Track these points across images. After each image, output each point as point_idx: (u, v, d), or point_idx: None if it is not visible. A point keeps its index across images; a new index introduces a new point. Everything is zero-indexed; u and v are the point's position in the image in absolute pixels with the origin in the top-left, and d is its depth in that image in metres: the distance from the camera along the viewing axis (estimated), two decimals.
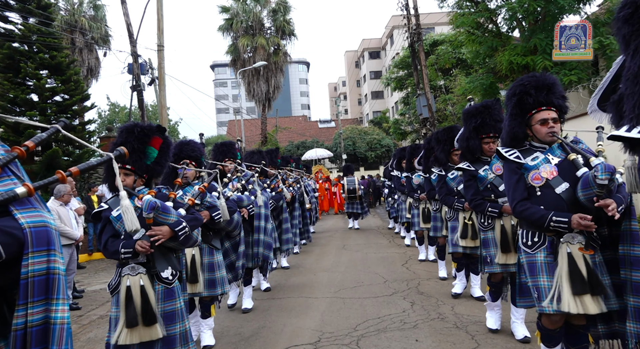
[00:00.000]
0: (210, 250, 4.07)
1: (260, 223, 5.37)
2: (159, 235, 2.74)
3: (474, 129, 4.05)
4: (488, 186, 4.00)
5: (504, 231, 3.86)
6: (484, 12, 13.04)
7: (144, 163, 2.91)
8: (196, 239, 2.99)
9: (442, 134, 5.32)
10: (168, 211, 2.80)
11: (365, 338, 4.20)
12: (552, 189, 2.73)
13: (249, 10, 26.53)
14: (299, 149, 31.70)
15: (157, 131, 2.96)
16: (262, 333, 4.54)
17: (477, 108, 4.10)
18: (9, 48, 13.26)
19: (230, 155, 5.27)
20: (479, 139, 4.06)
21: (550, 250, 2.73)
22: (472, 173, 4.07)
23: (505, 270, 3.88)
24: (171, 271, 2.86)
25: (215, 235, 4.14)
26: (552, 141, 2.83)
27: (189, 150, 4.14)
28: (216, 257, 4.08)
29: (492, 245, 3.98)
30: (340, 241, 11.07)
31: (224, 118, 58.13)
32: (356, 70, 55.72)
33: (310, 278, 7.04)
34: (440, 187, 5.29)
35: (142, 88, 15.00)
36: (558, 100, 2.86)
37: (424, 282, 6.26)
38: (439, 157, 5.38)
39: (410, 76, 22.95)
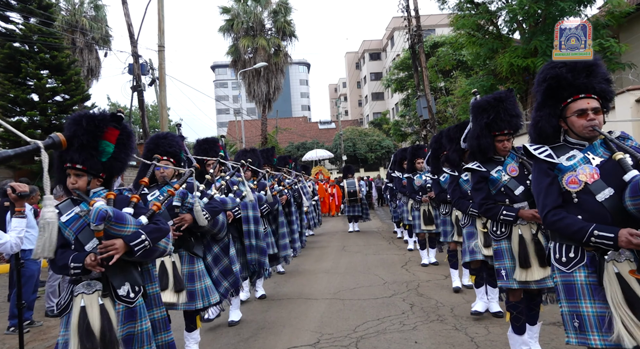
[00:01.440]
0: (190, 258, 3.62)
1: (249, 227, 4.91)
2: (110, 250, 2.28)
3: (485, 126, 3.50)
4: (502, 189, 3.47)
5: (522, 241, 3.31)
6: (485, 14, 13.06)
7: (97, 160, 2.45)
8: (163, 250, 2.58)
9: (454, 132, 4.76)
10: (124, 221, 2.34)
11: (364, 340, 4.19)
12: (592, 195, 2.23)
13: (250, 11, 26.55)
14: (299, 150, 31.73)
15: (111, 120, 2.47)
16: (261, 334, 4.53)
17: (488, 102, 3.54)
18: (9, 48, 13.27)
19: (213, 153, 4.83)
20: (492, 137, 3.51)
21: (592, 269, 2.21)
22: (482, 175, 3.55)
23: (524, 286, 3.33)
24: (129, 288, 2.42)
25: (197, 241, 3.71)
26: (593, 137, 2.34)
27: (166, 145, 3.65)
28: (197, 266, 3.63)
29: (506, 257, 3.42)
30: (340, 243, 11.07)
31: (224, 119, 58.15)
32: (357, 72, 55.76)
33: (310, 280, 7.04)
34: (452, 189, 4.71)
35: (143, 88, 15.01)
36: (600, 85, 2.35)
37: (423, 284, 6.25)
38: (451, 157, 4.79)
39: (410, 78, 22.97)
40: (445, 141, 5.00)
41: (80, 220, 2.46)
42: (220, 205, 3.82)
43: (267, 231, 5.69)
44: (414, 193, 7.31)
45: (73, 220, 2.48)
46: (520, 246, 3.32)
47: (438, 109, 20.11)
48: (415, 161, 7.36)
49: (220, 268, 3.95)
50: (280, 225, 6.32)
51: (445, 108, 20.63)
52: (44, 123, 13.67)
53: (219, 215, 3.77)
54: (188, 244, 3.62)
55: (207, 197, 3.72)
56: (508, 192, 3.45)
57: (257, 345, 4.25)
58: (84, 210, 2.45)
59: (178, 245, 3.49)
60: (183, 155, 3.81)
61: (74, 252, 2.39)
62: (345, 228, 13.90)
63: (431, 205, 6.89)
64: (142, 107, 15.56)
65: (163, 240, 2.54)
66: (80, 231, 2.45)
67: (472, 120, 3.70)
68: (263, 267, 5.09)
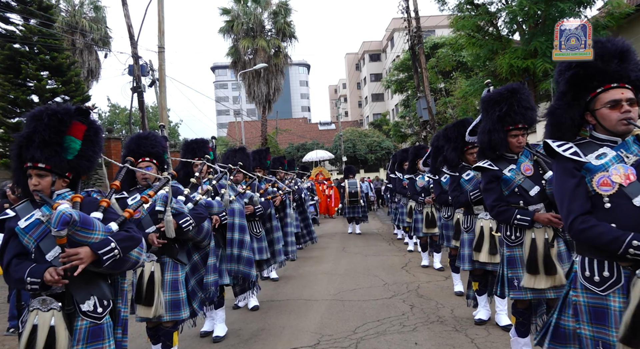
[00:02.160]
0: (174, 265, 3.40)
1: (234, 235, 4.59)
2: (74, 260, 2.01)
3: (498, 119, 3.22)
4: (515, 190, 3.20)
5: (533, 246, 3.09)
6: (485, 15, 13.06)
7: (62, 158, 2.20)
8: (135, 261, 2.31)
9: (452, 130, 4.55)
10: (90, 227, 2.06)
11: (364, 341, 4.19)
12: (628, 199, 1.94)
13: (250, 13, 26.57)
14: (299, 151, 31.75)
15: (77, 115, 2.25)
16: (261, 335, 4.52)
17: (500, 94, 3.29)
18: (10, 49, 13.29)
19: (201, 154, 4.56)
20: (505, 132, 3.23)
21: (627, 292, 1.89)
22: (494, 174, 3.25)
23: (539, 296, 3.10)
24: (96, 302, 2.17)
25: (181, 248, 3.49)
26: (627, 131, 2.05)
27: (148, 145, 3.44)
28: (181, 274, 3.44)
29: (520, 265, 3.16)
30: (340, 244, 11.06)
31: (224, 120, 58.17)
32: (356, 73, 55.80)
33: (310, 281, 7.03)
34: (453, 190, 4.47)
35: (143, 89, 15.00)
36: (636, 73, 2.07)
37: (423, 285, 6.25)
38: (450, 157, 4.56)
39: (410, 79, 22.98)
40: (443, 141, 4.76)
41: (42, 226, 2.19)
42: (205, 212, 3.59)
43: (262, 235, 5.44)
44: (416, 195, 7.09)
45: (33, 225, 2.19)
46: (531, 250, 3.08)
47: (438, 110, 20.12)
48: (417, 161, 7.24)
49: (197, 278, 3.75)
50: (275, 229, 6.00)
51: (445, 109, 20.63)
52: None
53: (204, 221, 3.54)
54: (172, 251, 3.38)
55: (192, 202, 3.50)
56: (522, 193, 3.18)
57: (257, 347, 4.24)
58: (46, 215, 2.17)
59: (161, 252, 3.31)
60: (167, 156, 3.63)
61: (33, 264, 2.10)
62: (345, 230, 13.83)
63: (434, 207, 6.72)
64: (142, 108, 15.55)
65: (135, 250, 2.27)
66: (42, 239, 2.17)
67: (483, 114, 3.43)
68: (249, 279, 4.73)
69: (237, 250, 4.59)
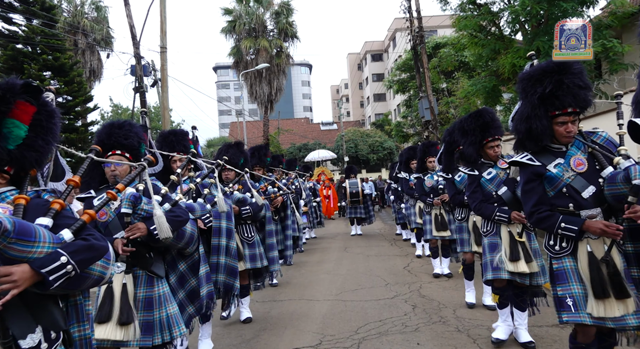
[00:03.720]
0: (149, 279, 2.81)
1: (220, 241, 4.01)
2: (4, 283, 1.45)
3: (540, 102, 2.55)
4: (563, 190, 2.58)
5: (593, 262, 2.44)
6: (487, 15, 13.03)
7: (2, 148, 1.71)
8: (100, 277, 1.77)
9: (468, 122, 3.91)
10: (31, 237, 1.52)
11: (366, 341, 4.18)
12: None
13: (252, 13, 26.59)
14: (300, 151, 31.76)
15: (23, 92, 1.75)
16: (263, 336, 4.52)
17: (544, 70, 2.58)
18: (12, 49, 13.34)
19: (181, 148, 3.96)
20: (549, 118, 2.57)
21: None
22: (536, 171, 2.64)
23: (601, 324, 2.44)
24: (41, 337, 1.61)
25: (157, 257, 2.89)
26: None
27: (121, 136, 2.86)
28: (158, 289, 2.81)
29: (572, 280, 2.53)
30: (342, 244, 11.05)
31: (226, 120, 58.22)
32: (358, 73, 55.79)
33: (312, 281, 7.02)
34: (472, 191, 3.93)
35: (145, 89, 15.02)
36: None
37: (425, 285, 6.23)
38: (467, 153, 3.94)
39: (412, 79, 22.96)
40: (458, 134, 4.11)
41: None
42: (186, 213, 2.96)
43: (255, 240, 4.84)
44: (424, 195, 6.54)
45: None
46: (592, 268, 2.43)
47: (440, 110, 20.09)
48: (426, 159, 6.52)
49: (187, 290, 3.18)
50: (268, 235, 5.23)
51: (447, 109, 20.61)
52: None
53: (184, 225, 2.93)
54: (145, 261, 2.81)
55: (170, 203, 2.89)
56: (572, 194, 2.55)
57: (259, 346, 4.24)
58: None
59: (132, 263, 2.75)
60: (144, 150, 3.04)
61: None
62: (347, 230, 13.79)
63: (444, 208, 6.27)
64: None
65: (99, 264, 1.74)
66: None
67: (521, 97, 2.75)
68: (232, 291, 4.11)
69: (224, 257, 4.02)
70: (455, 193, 4.99)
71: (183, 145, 4.02)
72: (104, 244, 1.78)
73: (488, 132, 3.81)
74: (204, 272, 3.34)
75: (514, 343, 3.86)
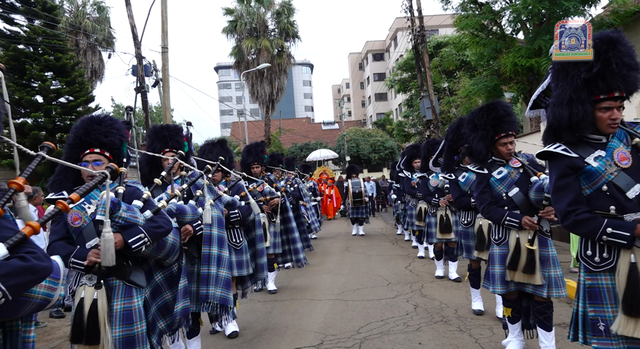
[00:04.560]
0: (127, 290, 2.51)
1: (211, 249, 3.63)
2: None
3: (583, 85, 2.17)
4: (604, 189, 2.17)
5: (634, 273, 2.07)
6: (488, 14, 13.01)
7: None
8: (43, 301, 1.61)
9: (479, 116, 3.52)
10: None
11: (368, 341, 4.17)
12: None
13: (253, 13, 26.61)
14: (302, 151, 31.78)
15: None
16: (264, 335, 4.52)
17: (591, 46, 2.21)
18: (14, 50, 13.38)
19: (174, 144, 3.67)
20: (592, 103, 2.17)
21: None
22: (572, 164, 2.21)
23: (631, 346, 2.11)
24: None
25: (137, 266, 2.62)
26: None
27: (100, 133, 2.58)
28: (137, 301, 2.54)
29: (608, 300, 2.16)
30: (343, 244, 11.05)
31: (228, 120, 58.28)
32: (360, 72, 55.78)
33: (313, 280, 7.02)
34: (480, 192, 3.54)
35: (146, 90, 15.05)
36: None
37: (427, 285, 6.23)
38: (477, 149, 3.52)
39: (414, 78, 22.94)
40: (467, 129, 3.67)
41: None
42: (169, 222, 2.67)
43: (243, 247, 4.49)
44: (429, 196, 6.20)
45: None
46: (631, 281, 2.06)
47: (441, 109, 20.08)
48: (430, 158, 6.12)
49: (159, 303, 2.83)
50: (258, 240, 4.82)
51: (448, 109, 20.60)
52: (49, 124, 13.76)
53: (165, 235, 2.64)
54: (122, 270, 2.51)
55: (152, 210, 2.59)
56: (614, 194, 2.15)
57: (261, 346, 4.24)
58: None
59: (107, 273, 2.46)
60: (126, 149, 2.75)
61: None
62: (348, 230, 13.79)
63: (450, 209, 5.94)
64: (145, 109, 15.58)
65: (44, 284, 1.55)
66: None
67: (557, 78, 2.33)
68: (227, 305, 3.64)
69: (216, 268, 3.63)
70: (460, 195, 4.67)
71: (177, 141, 3.74)
72: (46, 265, 1.52)
73: (501, 127, 3.43)
74: (182, 286, 2.91)
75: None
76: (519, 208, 3.38)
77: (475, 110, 3.68)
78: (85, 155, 2.56)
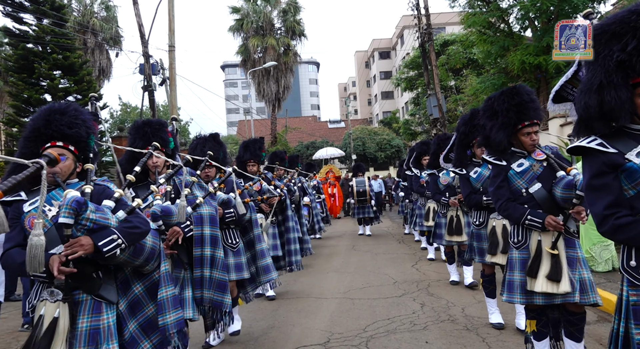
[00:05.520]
0: (96, 306, 2.21)
1: (204, 251, 3.31)
2: None
3: (618, 66, 1.79)
4: None
5: None
6: (496, 12, 12.94)
7: None
8: None
9: (500, 101, 3.08)
10: None
11: (374, 339, 4.17)
12: None
13: (260, 11, 26.65)
14: (308, 149, 31.77)
15: None
16: (271, 333, 4.53)
17: (622, 21, 1.80)
18: (23, 49, 13.49)
19: (157, 141, 3.27)
20: (628, 87, 1.80)
21: None
22: (610, 161, 1.85)
23: None
24: None
25: (107, 278, 2.30)
26: None
27: (64, 124, 2.27)
28: (106, 318, 2.22)
29: None
30: (350, 242, 11.05)
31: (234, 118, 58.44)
32: (366, 71, 55.67)
33: (320, 279, 7.03)
34: (497, 186, 3.11)
35: (154, 88, 15.14)
36: None
37: (434, 283, 6.21)
38: (496, 139, 3.07)
39: (420, 76, 22.87)
40: (485, 116, 3.21)
41: None
42: (146, 223, 2.36)
43: (239, 248, 4.20)
44: (439, 194, 5.78)
45: None
46: None
47: (448, 108, 19.99)
48: (441, 154, 5.62)
49: (141, 320, 2.45)
50: (257, 240, 4.51)
51: (455, 107, 20.51)
52: None
53: (142, 237, 2.32)
54: (91, 283, 2.21)
55: (126, 210, 2.29)
56: None
57: (267, 344, 4.25)
58: None
59: (73, 286, 2.16)
60: (93, 143, 2.44)
61: None
62: (354, 229, 13.69)
63: (461, 209, 5.60)
64: (153, 107, 15.67)
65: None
66: None
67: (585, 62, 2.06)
68: (222, 309, 3.35)
69: (208, 270, 3.32)
70: (470, 192, 4.22)
71: (160, 137, 3.35)
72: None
73: (525, 114, 3.02)
74: (170, 295, 2.54)
75: None
76: (540, 206, 2.98)
77: (494, 94, 3.22)
78: (46, 149, 2.22)
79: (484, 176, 4.16)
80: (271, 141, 27.99)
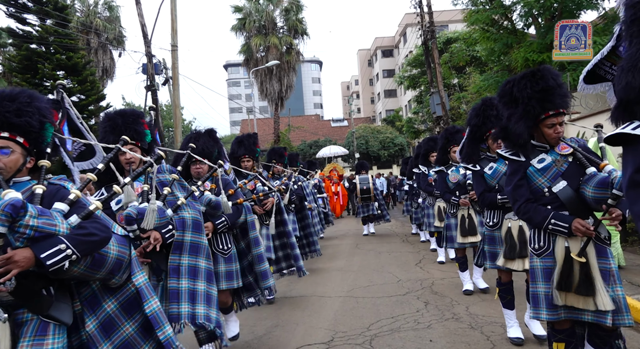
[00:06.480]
0: (41, 327, 1.82)
1: (182, 259, 2.89)
2: None
3: None
4: None
5: None
6: (499, 9, 12.88)
7: None
8: None
9: (521, 86, 2.64)
10: None
11: (378, 338, 4.17)
12: None
13: (262, 10, 26.66)
14: (311, 148, 31.80)
15: None
16: (275, 332, 4.54)
17: None
18: (26, 49, 13.55)
19: (131, 134, 2.89)
20: None
21: None
22: None
23: None
24: None
25: (61, 294, 1.94)
26: None
27: (11, 111, 1.91)
28: (51, 343, 1.82)
29: None
30: (353, 241, 11.05)
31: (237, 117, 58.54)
32: (369, 69, 55.60)
33: (323, 278, 7.03)
34: (515, 185, 2.73)
35: (156, 88, 15.17)
36: None
37: (438, 282, 6.20)
38: (516, 131, 2.66)
39: (423, 74, 22.81)
40: (502, 103, 2.79)
41: None
42: (106, 229, 1.97)
43: (232, 254, 3.76)
44: (448, 193, 5.34)
45: None
46: None
47: (452, 106, 19.94)
48: (449, 149, 5.37)
49: (116, 342, 2.10)
50: (255, 244, 4.08)
51: (458, 105, 20.44)
52: None
53: (101, 246, 1.94)
54: (38, 302, 1.83)
55: (81, 215, 1.91)
56: None
57: (271, 343, 4.25)
58: None
59: (15, 305, 1.81)
60: (50, 135, 2.09)
61: None
62: (357, 227, 13.71)
63: (473, 208, 5.19)
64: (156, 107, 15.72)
65: None
66: None
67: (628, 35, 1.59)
68: (210, 324, 2.90)
69: (186, 281, 2.88)
70: (484, 190, 3.78)
71: (134, 130, 2.96)
72: None
73: (551, 102, 2.59)
74: (156, 308, 2.20)
75: None
76: (565, 207, 2.61)
77: (513, 77, 2.77)
78: None
79: (500, 172, 3.72)
80: (274, 140, 28.00)
